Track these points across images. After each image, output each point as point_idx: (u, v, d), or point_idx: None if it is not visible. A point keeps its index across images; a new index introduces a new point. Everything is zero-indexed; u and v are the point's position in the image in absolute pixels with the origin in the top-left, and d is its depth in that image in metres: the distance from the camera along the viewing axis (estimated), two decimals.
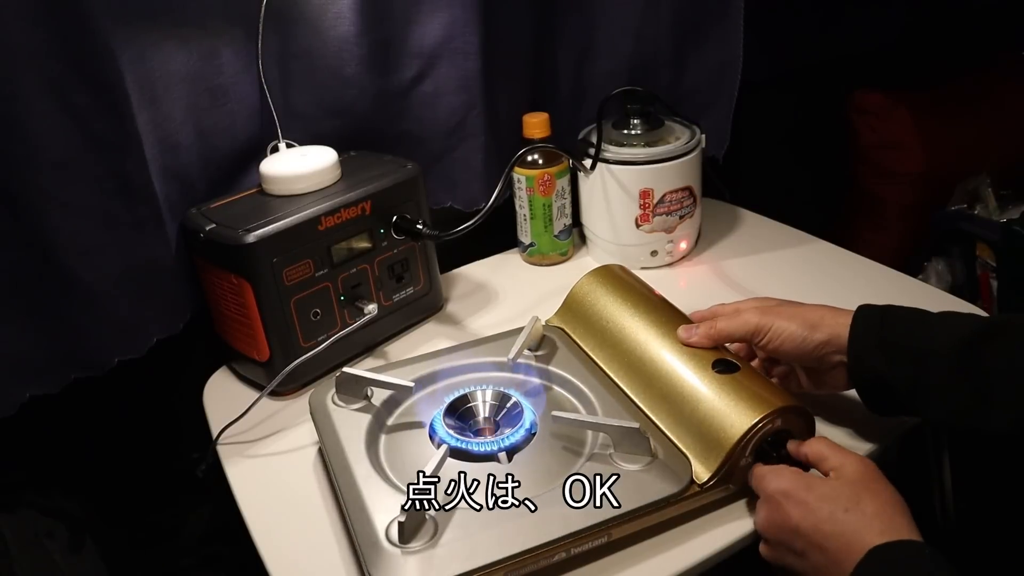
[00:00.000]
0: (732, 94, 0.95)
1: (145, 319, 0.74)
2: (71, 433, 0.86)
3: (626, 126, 0.90)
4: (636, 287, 0.72)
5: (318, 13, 0.80)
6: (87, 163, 0.67)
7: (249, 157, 0.83)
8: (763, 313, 0.61)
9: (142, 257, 0.72)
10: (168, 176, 0.74)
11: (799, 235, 0.97)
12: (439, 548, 0.51)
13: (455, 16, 0.83)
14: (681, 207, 0.90)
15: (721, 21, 0.92)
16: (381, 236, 0.79)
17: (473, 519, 0.53)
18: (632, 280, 0.74)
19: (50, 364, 0.71)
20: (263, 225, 0.70)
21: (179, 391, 0.81)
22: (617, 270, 0.75)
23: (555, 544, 0.52)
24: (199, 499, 0.97)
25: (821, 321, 0.59)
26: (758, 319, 0.61)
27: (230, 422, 0.71)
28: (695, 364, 0.61)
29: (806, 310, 0.61)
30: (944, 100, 1.36)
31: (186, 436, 0.78)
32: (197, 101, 0.77)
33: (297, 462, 0.68)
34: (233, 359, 0.81)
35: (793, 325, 0.59)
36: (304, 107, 0.84)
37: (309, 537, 0.60)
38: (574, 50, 0.96)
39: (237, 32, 0.78)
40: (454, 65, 0.85)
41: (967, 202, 1.33)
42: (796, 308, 0.61)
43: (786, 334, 0.59)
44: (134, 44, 0.69)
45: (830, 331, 0.58)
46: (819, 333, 0.59)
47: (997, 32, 1.45)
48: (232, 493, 0.66)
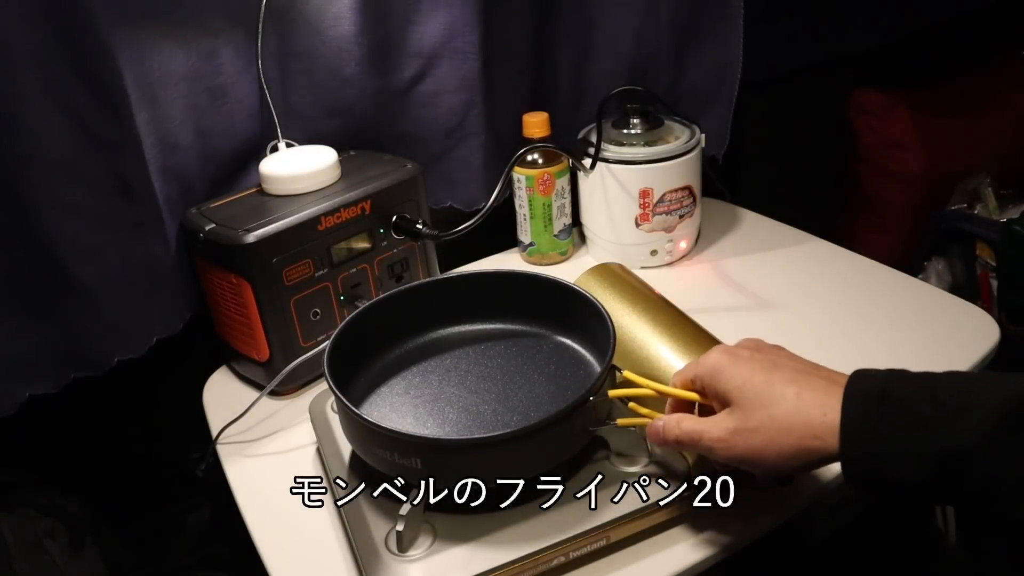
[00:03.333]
0: (732, 94, 0.95)
1: (145, 319, 0.74)
2: (71, 433, 0.86)
3: (626, 126, 0.90)
4: (634, 285, 0.72)
5: (318, 13, 0.80)
6: (87, 163, 0.67)
7: (249, 157, 0.83)
8: (730, 444, 0.48)
9: (142, 257, 0.72)
10: (168, 176, 0.74)
11: (799, 235, 0.97)
12: (438, 556, 0.51)
13: (455, 16, 0.83)
14: (681, 207, 0.90)
15: (721, 21, 0.92)
16: (381, 236, 0.79)
17: (471, 525, 0.53)
18: (630, 278, 0.74)
19: (50, 363, 0.71)
20: (263, 225, 0.70)
21: (179, 391, 0.81)
22: (615, 268, 0.75)
23: (553, 549, 0.52)
24: (199, 499, 0.97)
25: (801, 449, 0.46)
26: (728, 452, 0.49)
27: (230, 422, 0.71)
28: None
29: (777, 428, 0.47)
30: (944, 100, 1.36)
31: (186, 436, 0.78)
32: (196, 101, 0.77)
33: (297, 462, 0.68)
34: (233, 359, 0.81)
35: (770, 458, 0.47)
36: (304, 107, 0.84)
37: (309, 536, 0.60)
38: (574, 50, 0.96)
39: (236, 32, 0.78)
40: (454, 65, 0.85)
41: (967, 202, 1.33)
42: (766, 425, 0.47)
43: (767, 467, 0.48)
44: (134, 44, 0.69)
45: (814, 437, 0.45)
46: (810, 462, 0.46)
47: (997, 32, 1.45)
48: (232, 493, 0.66)
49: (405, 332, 0.70)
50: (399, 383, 0.65)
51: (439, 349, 0.69)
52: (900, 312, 0.79)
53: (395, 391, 0.65)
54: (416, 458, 0.52)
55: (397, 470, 0.54)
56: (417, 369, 0.67)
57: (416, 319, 0.70)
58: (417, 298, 0.69)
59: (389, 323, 0.68)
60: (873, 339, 0.76)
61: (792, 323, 0.80)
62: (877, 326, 0.78)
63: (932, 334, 0.75)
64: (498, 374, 0.65)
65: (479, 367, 0.66)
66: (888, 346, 0.74)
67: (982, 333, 0.74)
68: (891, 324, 0.78)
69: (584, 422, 0.55)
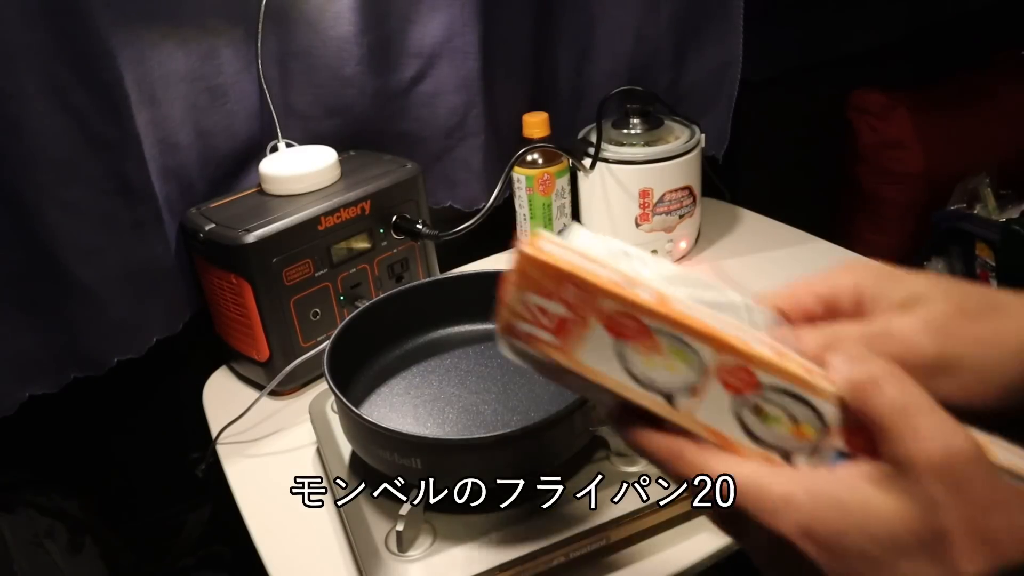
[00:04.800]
0: (732, 94, 0.95)
1: (145, 319, 0.74)
2: (71, 433, 0.86)
3: (626, 126, 0.90)
4: None
5: (317, 13, 0.80)
6: (87, 163, 0.67)
7: (249, 157, 0.83)
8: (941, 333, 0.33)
9: (142, 257, 0.72)
10: (167, 176, 0.74)
11: (799, 235, 0.97)
12: (438, 556, 0.51)
13: (455, 16, 0.83)
14: (681, 206, 0.90)
15: (721, 21, 0.92)
16: (381, 236, 0.79)
17: (471, 525, 0.53)
18: None
19: (50, 363, 0.71)
20: (263, 225, 0.70)
21: (179, 391, 0.81)
22: None
23: (553, 549, 0.52)
24: (199, 499, 0.97)
25: None
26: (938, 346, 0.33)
27: (230, 422, 0.71)
28: None
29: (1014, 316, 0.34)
30: (944, 100, 1.36)
31: (186, 436, 0.78)
32: (196, 101, 0.77)
33: (297, 462, 0.68)
34: (233, 359, 0.81)
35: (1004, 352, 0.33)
36: (304, 107, 0.84)
37: (308, 536, 0.60)
38: (574, 50, 0.96)
39: (236, 32, 0.78)
40: (454, 65, 0.85)
41: (967, 202, 1.33)
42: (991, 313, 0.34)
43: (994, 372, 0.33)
44: (133, 44, 0.69)
45: None
46: None
47: (996, 32, 1.45)
48: (232, 493, 0.66)
49: (405, 332, 0.70)
50: (399, 383, 0.65)
51: (439, 349, 0.69)
52: None
53: (395, 391, 0.65)
54: (416, 458, 0.52)
55: (397, 470, 0.54)
56: (417, 369, 0.67)
57: (416, 319, 0.70)
58: (417, 298, 0.69)
59: (389, 323, 0.68)
60: None
61: None
62: None
63: None
64: (498, 374, 0.65)
65: (479, 367, 0.66)
66: None
67: None
68: None
69: (584, 422, 0.55)
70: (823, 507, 0.29)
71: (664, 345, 0.31)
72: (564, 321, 0.32)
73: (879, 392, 0.29)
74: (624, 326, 0.31)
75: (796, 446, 0.31)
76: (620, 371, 0.32)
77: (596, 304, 0.31)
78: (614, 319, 0.31)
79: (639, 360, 0.31)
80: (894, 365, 0.30)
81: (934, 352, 0.33)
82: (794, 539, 0.29)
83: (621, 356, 0.32)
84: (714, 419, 0.32)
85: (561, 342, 0.32)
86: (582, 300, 0.31)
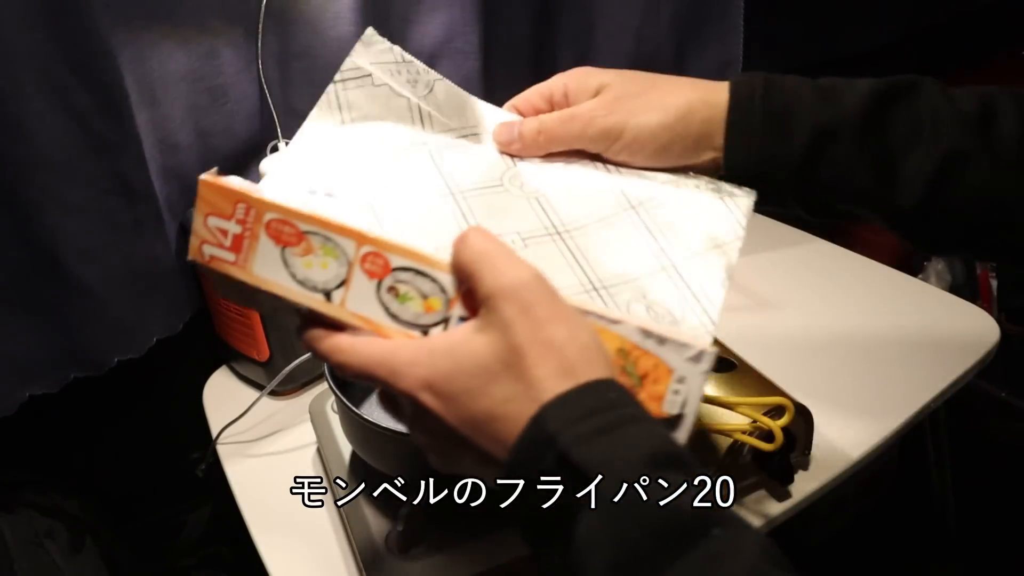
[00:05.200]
0: None
1: (145, 319, 0.74)
2: (71, 433, 0.86)
3: None
4: None
5: (317, 13, 0.80)
6: (87, 163, 0.67)
7: (249, 157, 0.83)
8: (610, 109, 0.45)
9: (142, 257, 0.72)
10: (168, 176, 0.74)
11: (799, 235, 0.97)
12: (438, 556, 0.51)
13: (455, 16, 0.83)
14: None
15: (721, 21, 0.92)
16: None
17: (472, 524, 0.53)
18: None
19: (50, 363, 0.71)
20: None
21: (179, 391, 0.81)
22: None
23: None
24: (199, 499, 0.97)
25: (690, 108, 0.46)
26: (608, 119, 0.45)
27: (230, 422, 0.71)
28: None
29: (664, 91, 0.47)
30: None
31: (186, 436, 0.78)
32: (196, 101, 0.77)
33: (297, 462, 0.68)
34: (233, 359, 0.81)
35: (654, 119, 0.45)
36: (304, 107, 0.84)
37: (308, 536, 0.60)
38: (574, 50, 0.96)
39: (236, 32, 0.78)
40: (454, 65, 0.85)
41: None
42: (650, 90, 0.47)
43: (647, 135, 0.45)
44: (133, 44, 0.69)
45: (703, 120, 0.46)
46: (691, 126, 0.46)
47: (997, 32, 1.44)
48: (232, 493, 0.66)
49: None
50: None
51: None
52: (900, 312, 0.79)
53: None
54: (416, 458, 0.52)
55: (397, 470, 0.54)
56: None
57: None
58: None
59: None
60: (873, 339, 0.76)
61: (792, 323, 0.80)
62: (877, 326, 0.78)
63: (932, 334, 0.75)
64: None
65: None
66: (888, 346, 0.74)
67: (982, 333, 0.74)
68: (891, 324, 0.78)
69: None
70: (439, 361, 0.34)
71: (316, 245, 0.36)
72: (239, 237, 0.37)
73: (465, 245, 0.35)
74: (284, 232, 0.37)
75: (430, 320, 0.36)
76: (287, 276, 0.37)
77: (262, 217, 0.37)
78: (275, 227, 0.37)
79: (299, 263, 0.37)
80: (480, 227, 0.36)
81: (607, 124, 0.45)
82: (417, 394, 0.34)
83: (285, 262, 0.37)
84: (363, 307, 0.37)
85: (238, 257, 0.38)
86: (251, 216, 0.37)
